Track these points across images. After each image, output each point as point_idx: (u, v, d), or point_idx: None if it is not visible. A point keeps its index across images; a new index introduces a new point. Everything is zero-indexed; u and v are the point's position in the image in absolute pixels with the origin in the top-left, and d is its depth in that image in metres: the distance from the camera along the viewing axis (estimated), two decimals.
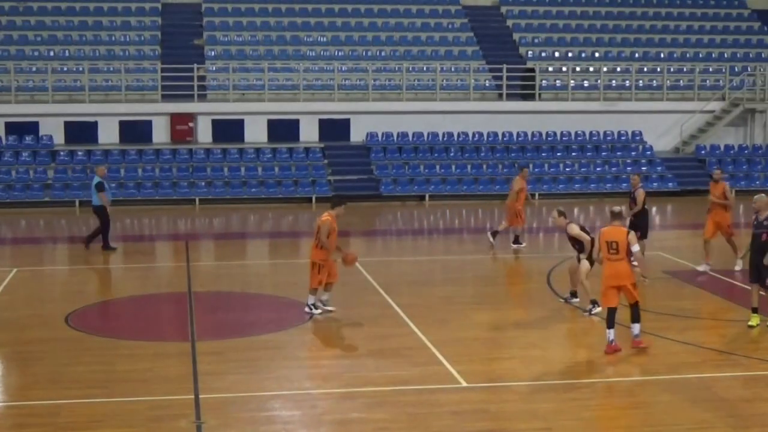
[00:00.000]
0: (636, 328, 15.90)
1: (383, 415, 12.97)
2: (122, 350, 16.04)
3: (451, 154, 36.41)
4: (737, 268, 21.72)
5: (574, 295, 18.88)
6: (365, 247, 25.55)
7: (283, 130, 36.74)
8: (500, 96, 38.35)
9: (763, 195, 17.84)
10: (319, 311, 18.16)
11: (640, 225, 22.23)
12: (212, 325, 17.80)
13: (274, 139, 36.58)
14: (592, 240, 18.15)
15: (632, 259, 16.04)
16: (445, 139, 36.87)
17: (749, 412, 13.24)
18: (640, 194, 22.53)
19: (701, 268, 21.99)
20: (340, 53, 39.72)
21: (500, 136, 37.15)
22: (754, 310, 17.42)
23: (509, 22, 42.53)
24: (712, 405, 13.46)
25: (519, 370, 15.04)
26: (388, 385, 14.22)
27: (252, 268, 24.10)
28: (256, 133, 36.68)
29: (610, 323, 15.69)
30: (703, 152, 37.84)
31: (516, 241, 25.05)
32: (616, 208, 16.28)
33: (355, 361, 15.72)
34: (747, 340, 16.83)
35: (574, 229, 18.37)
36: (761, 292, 17.47)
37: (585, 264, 18.25)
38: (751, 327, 17.27)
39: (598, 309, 17.86)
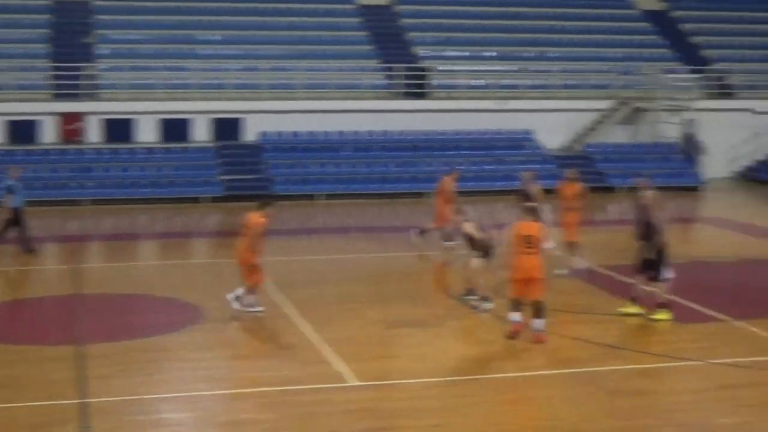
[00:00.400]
0: (538, 323, 16.17)
1: (275, 415, 12.96)
2: (7, 355, 15.74)
3: (345, 153, 36.47)
4: (560, 272, 21.34)
5: (470, 292, 19.02)
6: None
7: (175, 129, 36.39)
8: (393, 95, 38.53)
9: (650, 192, 18.33)
10: (263, 309, 18.10)
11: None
12: (102, 327, 17.54)
13: (166, 138, 36.22)
14: (491, 238, 18.38)
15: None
16: (338, 138, 36.91)
17: (632, 405, 13.53)
18: (535, 190, 22.71)
19: (568, 271, 21.90)
20: (232, 52, 39.49)
21: (393, 135, 37.31)
22: (633, 300, 17.98)
23: (403, 22, 42.71)
24: (597, 398, 13.74)
25: (411, 367, 15.15)
26: (280, 385, 14.20)
27: (143, 270, 23.83)
28: (147, 132, 36.29)
29: (515, 308, 16.03)
30: (592, 150, 38.48)
31: (449, 239, 24.62)
32: (530, 204, 16.72)
33: (247, 361, 15.69)
34: (631, 334, 17.22)
35: (467, 228, 18.58)
36: (648, 287, 17.92)
37: (476, 261, 18.47)
38: (627, 315, 17.84)
39: (490, 305, 18.10)
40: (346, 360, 15.22)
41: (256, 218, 17.93)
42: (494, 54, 41.34)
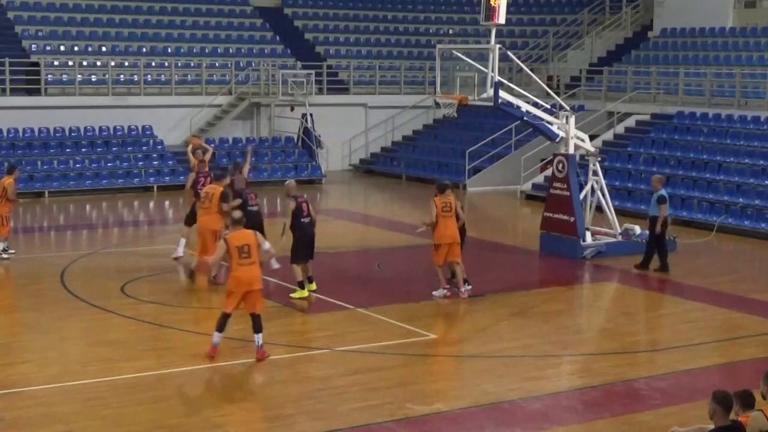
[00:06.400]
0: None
1: None
2: None
3: None
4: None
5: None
6: None
7: None
8: (3, 91, 36.82)
9: (291, 181, 19.66)
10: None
11: None
12: None
13: None
14: None
15: None
16: None
17: (267, 395, 13.76)
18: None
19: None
20: None
21: (5, 133, 35.68)
22: (301, 284, 19.02)
23: (10, 14, 40.87)
24: (232, 392, 13.86)
25: (35, 374, 14.56)
26: None
27: None
28: None
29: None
30: (212, 145, 38.47)
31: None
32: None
33: None
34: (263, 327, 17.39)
35: None
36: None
37: None
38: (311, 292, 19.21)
39: None
40: None
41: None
42: (109, 48, 40.42)
